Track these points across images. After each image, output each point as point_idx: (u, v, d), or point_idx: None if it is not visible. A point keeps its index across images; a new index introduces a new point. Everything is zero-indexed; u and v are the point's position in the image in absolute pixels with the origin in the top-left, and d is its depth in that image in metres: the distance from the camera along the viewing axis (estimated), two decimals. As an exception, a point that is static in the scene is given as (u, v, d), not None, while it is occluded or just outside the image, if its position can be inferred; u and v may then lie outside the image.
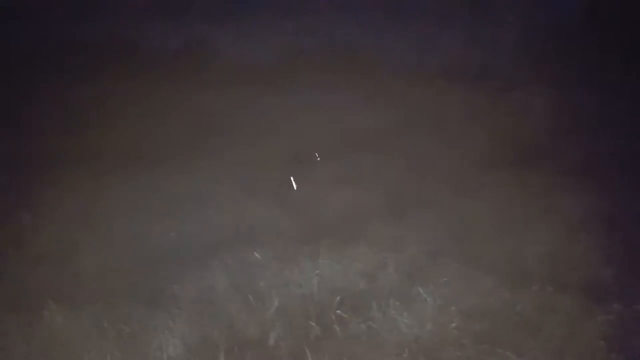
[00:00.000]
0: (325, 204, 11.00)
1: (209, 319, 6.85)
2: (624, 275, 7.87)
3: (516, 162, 12.75)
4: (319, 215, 10.42)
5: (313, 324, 6.77)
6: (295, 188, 12.04)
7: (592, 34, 17.73)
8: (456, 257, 8.37)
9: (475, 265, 8.07)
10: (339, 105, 15.19)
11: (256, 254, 8.07)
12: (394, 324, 6.71)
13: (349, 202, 11.03)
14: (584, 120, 14.13)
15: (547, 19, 18.71)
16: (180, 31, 18.70)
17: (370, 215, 10.40)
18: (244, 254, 8.25)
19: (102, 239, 8.78)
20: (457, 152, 13.18)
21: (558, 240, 9.02)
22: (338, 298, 7.07)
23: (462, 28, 18.52)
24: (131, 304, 7.16)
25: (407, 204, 10.94)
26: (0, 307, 7.22)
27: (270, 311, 6.90)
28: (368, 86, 16.04)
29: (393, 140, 13.49)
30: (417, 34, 18.39)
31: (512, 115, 14.46)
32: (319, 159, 13.83)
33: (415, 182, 11.94)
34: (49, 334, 6.77)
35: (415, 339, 6.66)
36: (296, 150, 13.68)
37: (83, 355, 6.43)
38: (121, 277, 7.72)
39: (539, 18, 18.69)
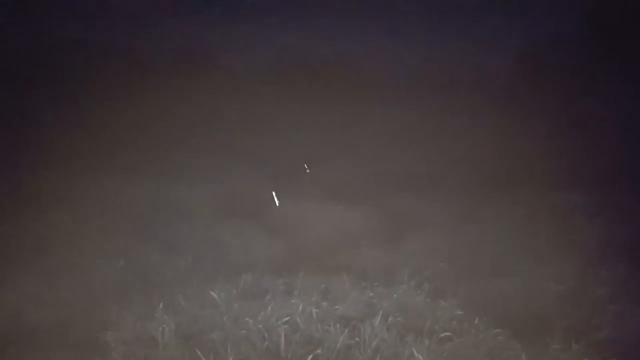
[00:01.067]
0: (310, 224, 9.36)
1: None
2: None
3: (523, 180, 11.20)
4: (300, 239, 8.82)
5: (276, 392, 5.17)
6: (277, 204, 10.50)
7: (596, 48, 16.14)
8: (460, 300, 6.73)
9: (482, 311, 6.42)
10: (333, 116, 13.66)
11: (213, 294, 6.41)
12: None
13: (337, 224, 9.39)
14: (591, 136, 12.61)
15: (548, 32, 17.26)
16: (175, 38, 17.14)
17: (360, 240, 8.79)
18: (200, 291, 6.62)
19: (33, 265, 7.13)
20: (460, 170, 11.60)
21: (577, 278, 7.41)
22: (310, 357, 5.44)
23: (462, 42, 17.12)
24: (50, 353, 5.54)
25: (404, 226, 9.37)
26: None
27: (223, 372, 5.28)
28: (365, 97, 14.52)
29: (390, 155, 11.94)
30: (416, 46, 16.92)
31: (516, 130, 12.91)
32: (308, 171, 12.30)
33: (415, 202, 10.37)
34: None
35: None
36: (284, 161, 12.16)
37: None
38: (42, 317, 6.04)
39: (540, 31, 17.26)
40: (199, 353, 5.43)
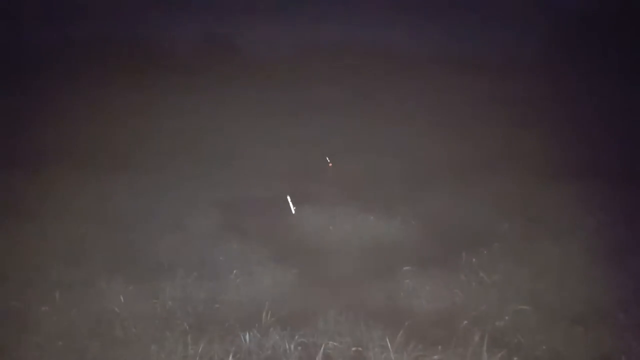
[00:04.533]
0: (337, 242, 6.82)
1: None
2: None
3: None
4: (323, 266, 6.28)
5: None
6: (293, 212, 7.93)
7: (594, 36, 14.21)
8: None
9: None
10: (357, 105, 11.08)
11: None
12: None
13: (369, 240, 6.84)
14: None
15: (547, 19, 15.16)
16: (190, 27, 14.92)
17: (401, 265, 6.16)
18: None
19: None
20: (516, 161, 8.91)
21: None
22: None
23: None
24: None
25: (457, 242, 6.69)
26: None
27: None
28: (391, 84, 12.12)
29: (425, 147, 9.24)
30: (434, 32, 14.80)
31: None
32: (330, 164, 9.70)
33: (466, 206, 7.69)
34: None
35: None
36: (301, 155, 9.55)
37: None
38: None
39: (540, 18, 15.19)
40: None
